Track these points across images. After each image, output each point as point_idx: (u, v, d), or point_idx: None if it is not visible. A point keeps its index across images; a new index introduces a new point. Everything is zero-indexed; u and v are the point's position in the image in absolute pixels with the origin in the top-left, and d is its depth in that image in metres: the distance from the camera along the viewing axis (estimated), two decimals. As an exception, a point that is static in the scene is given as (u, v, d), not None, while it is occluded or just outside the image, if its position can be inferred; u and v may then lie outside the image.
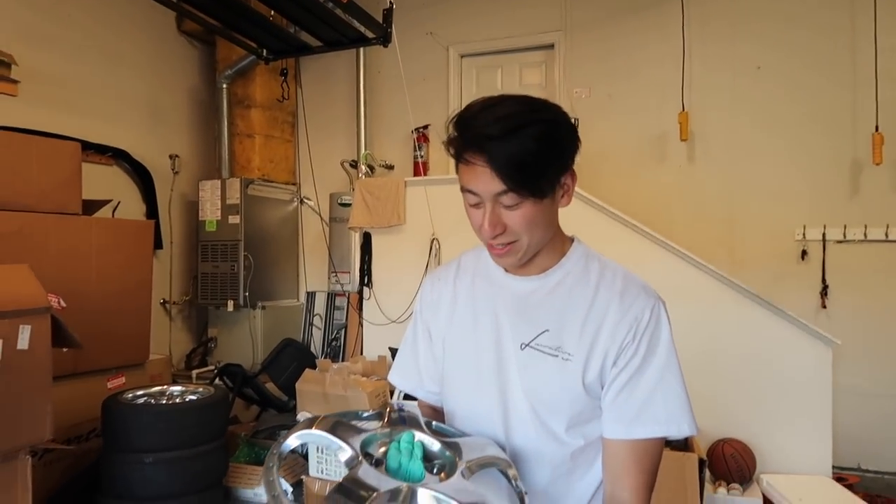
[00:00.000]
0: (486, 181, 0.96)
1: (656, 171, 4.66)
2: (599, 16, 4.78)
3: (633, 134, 4.72)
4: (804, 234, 4.19)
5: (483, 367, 1.11)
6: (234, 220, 4.92)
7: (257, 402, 4.42)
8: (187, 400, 3.39)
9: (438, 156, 5.17)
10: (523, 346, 1.07)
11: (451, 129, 0.99)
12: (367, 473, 0.85)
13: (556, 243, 1.11)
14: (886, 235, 4.02)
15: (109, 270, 3.65)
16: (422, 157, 4.93)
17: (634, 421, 1.01)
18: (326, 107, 5.57)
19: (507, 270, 1.13)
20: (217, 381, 4.36)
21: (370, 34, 2.33)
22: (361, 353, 4.38)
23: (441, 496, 0.81)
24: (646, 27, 4.68)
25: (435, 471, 0.92)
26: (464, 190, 1.00)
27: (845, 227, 4.10)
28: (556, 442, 1.05)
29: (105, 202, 3.92)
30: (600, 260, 1.12)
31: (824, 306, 4.15)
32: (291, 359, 4.44)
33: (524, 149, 0.93)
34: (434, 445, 0.97)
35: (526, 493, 0.94)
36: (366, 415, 1.02)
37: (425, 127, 5.11)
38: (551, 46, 4.95)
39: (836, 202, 4.15)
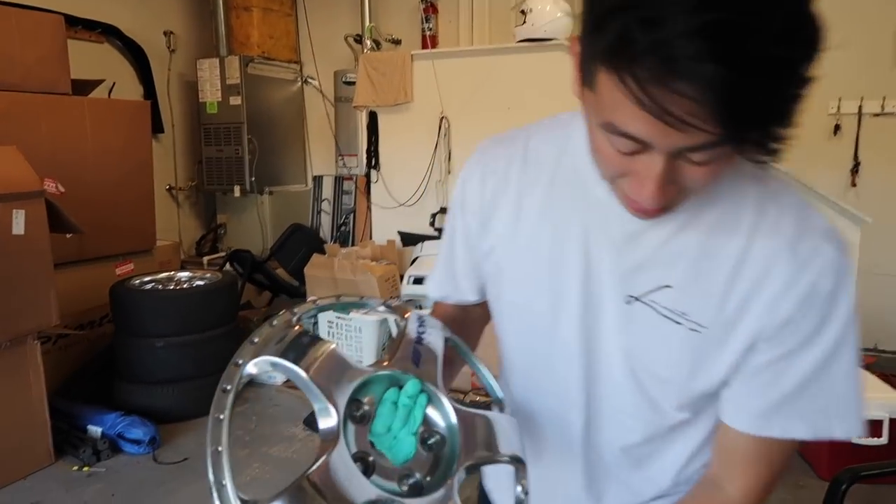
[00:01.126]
0: (692, 132, 0.53)
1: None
2: None
3: None
4: (839, 108, 3.92)
5: (562, 314, 0.79)
6: (235, 101, 4.71)
7: (268, 287, 4.41)
8: (195, 286, 3.36)
9: (448, 29, 4.83)
10: (631, 298, 0.74)
11: (642, 24, 0.50)
12: (336, 469, 0.59)
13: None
14: (931, 109, 3.75)
15: (107, 154, 3.51)
16: (430, 30, 4.61)
17: (770, 415, 0.72)
18: (327, -24, 5.17)
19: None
20: (227, 267, 4.34)
21: None
22: (370, 238, 4.30)
23: None
24: None
25: (427, 450, 0.69)
26: (615, 131, 0.58)
27: (884, 98, 3.83)
28: (656, 413, 0.79)
29: (98, 82, 3.73)
30: (758, 179, 0.71)
31: (854, 184, 3.96)
32: (300, 244, 4.38)
33: (787, 98, 0.54)
34: (443, 410, 0.71)
35: (527, 494, 0.73)
36: (372, 303, 0.80)
37: (434, -4, 4.75)
38: None
39: (877, 72, 3.85)
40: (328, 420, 0.62)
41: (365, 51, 4.66)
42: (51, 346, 3.17)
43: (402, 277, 3.62)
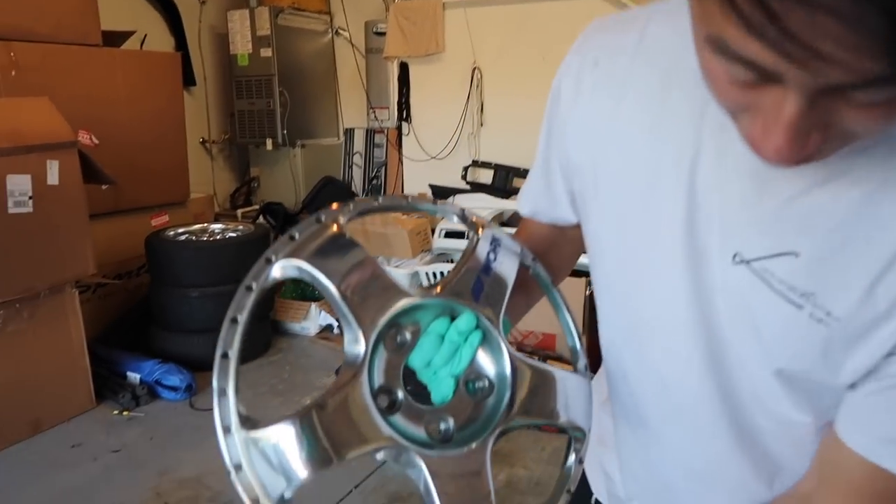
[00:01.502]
0: (849, 55, 0.33)
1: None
2: None
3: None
4: None
5: (659, 259, 0.60)
6: (266, 53, 4.66)
7: (301, 240, 4.44)
8: (227, 237, 3.39)
9: (482, -25, 4.69)
10: (739, 258, 0.55)
11: None
12: (351, 401, 0.51)
13: None
14: None
15: (140, 107, 3.52)
16: (463, -24, 4.47)
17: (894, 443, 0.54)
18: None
19: None
20: (260, 219, 4.37)
21: None
22: (402, 191, 4.27)
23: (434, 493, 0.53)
24: None
25: (470, 396, 0.60)
26: (732, 58, 0.39)
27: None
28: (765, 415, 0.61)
29: (129, 34, 3.72)
30: None
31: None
32: (332, 197, 4.37)
33: None
34: (498, 356, 0.60)
35: (581, 463, 0.64)
36: (421, 206, 0.66)
37: (467, -59, 4.59)
38: None
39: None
40: (356, 345, 0.54)
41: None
42: (90, 294, 3.25)
43: (433, 231, 3.60)
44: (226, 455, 0.47)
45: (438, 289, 0.59)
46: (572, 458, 0.64)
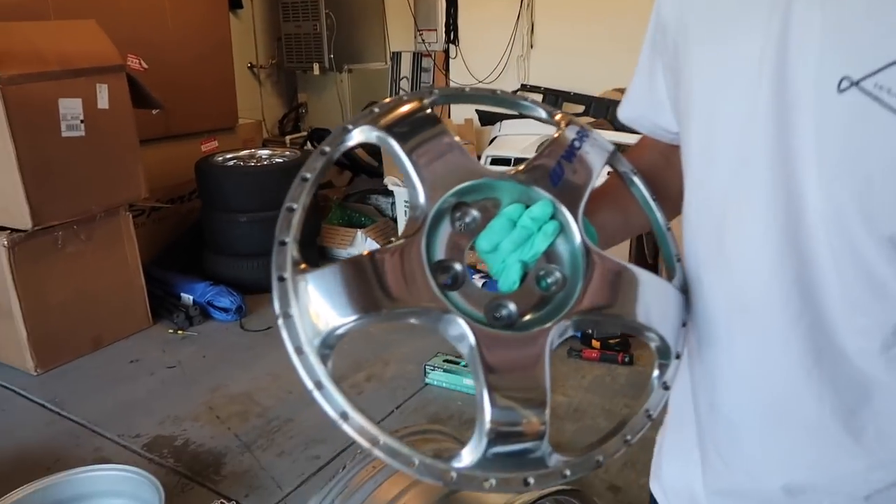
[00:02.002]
0: None
1: None
2: None
3: None
4: None
5: (719, 128, 0.55)
6: (312, -27, 4.55)
7: (348, 167, 4.44)
8: (275, 163, 3.41)
9: None
10: (846, 82, 0.45)
11: None
12: (406, 259, 0.49)
13: None
14: None
15: (186, 30, 3.51)
16: None
17: None
18: None
19: None
20: (308, 146, 4.37)
21: None
22: (448, 117, 4.19)
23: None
24: None
25: (539, 289, 0.55)
26: None
27: None
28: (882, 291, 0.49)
29: (174, -45, 3.67)
30: None
31: None
32: (378, 123, 4.33)
33: None
34: (573, 248, 0.55)
35: (667, 389, 0.56)
36: (508, 100, 0.62)
37: None
38: None
39: None
40: (420, 206, 0.52)
41: (445, -87, 4.34)
42: (145, 218, 3.34)
43: (479, 157, 3.53)
44: (276, 303, 0.47)
45: (518, 169, 0.56)
46: (656, 374, 0.57)
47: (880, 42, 0.43)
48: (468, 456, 0.47)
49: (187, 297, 3.05)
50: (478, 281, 0.54)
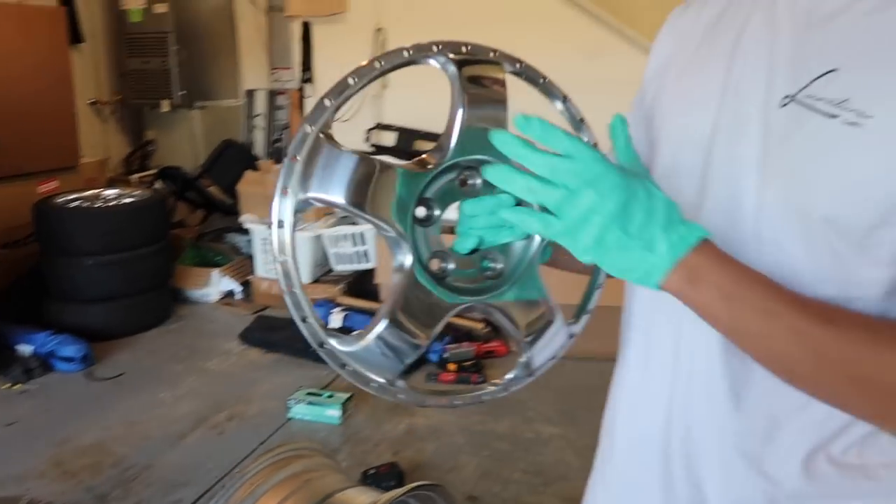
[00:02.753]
0: None
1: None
2: None
3: None
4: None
5: (682, 148, 0.66)
6: (160, 8, 4.45)
7: (202, 205, 4.35)
8: (123, 203, 3.29)
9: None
10: (787, 99, 0.57)
11: None
12: (415, 182, 0.59)
13: None
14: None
15: (21, 65, 3.33)
16: (364, -65, 4.42)
17: None
18: None
19: None
20: (157, 184, 4.24)
21: None
22: (306, 154, 4.24)
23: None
24: None
25: (479, 267, 0.64)
26: None
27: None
28: (842, 271, 0.57)
29: (3, -14, 3.47)
30: None
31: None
32: (233, 161, 4.30)
33: None
34: (524, 259, 0.65)
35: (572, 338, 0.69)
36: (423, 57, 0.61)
37: None
38: None
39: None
40: (399, 254, 0.60)
41: (296, -43, 4.44)
42: (-26, 265, 3.09)
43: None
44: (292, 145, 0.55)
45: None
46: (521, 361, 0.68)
47: (806, 64, 0.56)
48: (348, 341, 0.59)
49: (25, 349, 2.85)
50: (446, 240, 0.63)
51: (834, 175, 0.54)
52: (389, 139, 4.03)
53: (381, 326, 0.58)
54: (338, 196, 0.56)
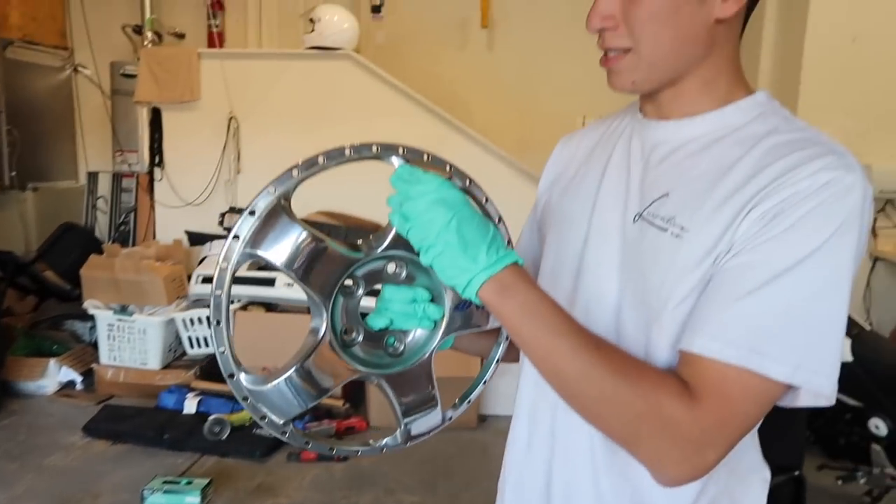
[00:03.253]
0: None
1: (457, 56, 4.77)
2: None
3: (438, 18, 4.75)
4: (584, 122, 4.60)
5: (563, 252, 0.83)
6: (-11, 87, 4.25)
7: (35, 291, 4.07)
8: (-54, 290, 3.04)
9: (236, 27, 4.81)
10: (637, 216, 0.75)
11: None
12: (345, 264, 0.70)
13: (719, 84, 0.74)
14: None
15: None
16: (217, 26, 4.56)
17: (748, 340, 0.63)
18: (101, -40, 4.85)
19: (644, 114, 0.80)
20: (-16, 269, 3.92)
21: None
22: (154, 238, 4.16)
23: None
24: None
25: (384, 344, 0.75)
26: None
27: (618, 119, 4.57)
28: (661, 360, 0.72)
29: None
30: (788, 119, 0.73)
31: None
32: (73, 245, 4.11)
33: None
34: (424, 346, 0.75)
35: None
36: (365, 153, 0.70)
37: (221, -7, 4.70)
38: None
39: (613, 95, 4.59)
40: (317, 318, 0.70)
41: (146, 43, 4.47)
42: None
43: (189, 277, 3.58)
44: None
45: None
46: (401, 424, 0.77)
47: (648, 190, 0.75)
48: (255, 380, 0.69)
49: None
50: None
51: (666, 272, 0.70)
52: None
53: (289, 373, 0.68)
54: (279, 259, 0.66)
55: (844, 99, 3.45)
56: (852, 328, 2.48)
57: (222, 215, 4.01)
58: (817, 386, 0.63)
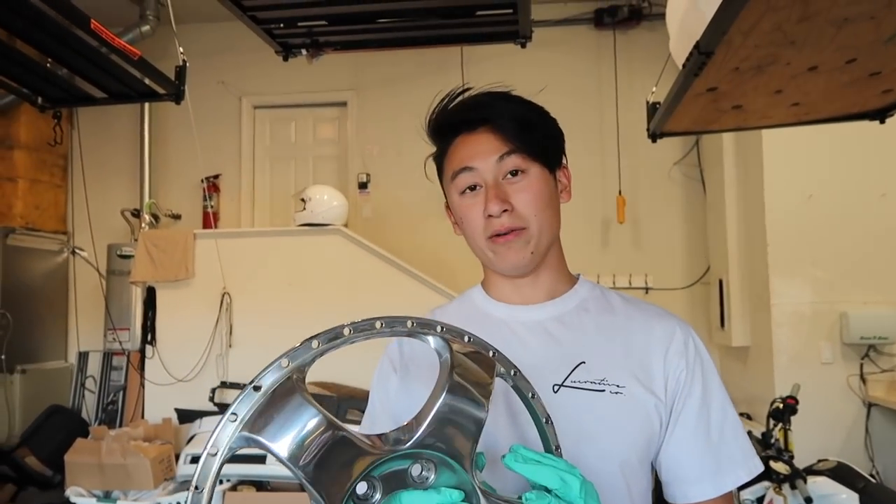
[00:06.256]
0: (489, 144, 0.87)
1: (439, 224, 5.01)
2: (389, 78, 5.09)
3: (417, 191, 5.05)
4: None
5: (492, 440, 0.83)
6: (-14, 274, 4.37)
7: (14, 479, 3.92)
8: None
9: (230, 207, 5.08)
10: (556, 386, 0.84)
11: (436, 111, 0.95)
12: (364, 463, 0.55)
13: (563, 269, 0.95)
14: (630, 283, 4.72)
15: None
16: (212, 207, 4.81)
17: (719, 472, 0.84)
18: (106, 150, 5.20)
19: (508, 302, 0.94)
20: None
21: (161, 90, 2.29)
22: (143, 417, 4.10)
23: None
24: (431, 91, 5.06)
25: None
26: (457, 174, 0.89)
27: (598, 275, 4.74)
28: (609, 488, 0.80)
29: None
30: (616, 292, 0.96)
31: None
32: (59, 428, 4.03)
33: (528, 109, 0.91)
34: None
35: None
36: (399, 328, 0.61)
37: (216, 176, 5.00)
38: (344, 104, 5.15)
39: (591, 254, 4.80)
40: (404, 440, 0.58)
41: (144, 225, 4.69)
42: None
43: (178, 457, 3.49)
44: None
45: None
46: None
47: (566, 360, 0.84)
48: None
49: None
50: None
51: (614, 426, 0.81)
52: (235, 397, 4.02)
53: None
54: (283, 450, 0.52)
55: (810, 252, 3.64)
56: (858, 482, 2.45)
57: (213, 391, 3.99)
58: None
